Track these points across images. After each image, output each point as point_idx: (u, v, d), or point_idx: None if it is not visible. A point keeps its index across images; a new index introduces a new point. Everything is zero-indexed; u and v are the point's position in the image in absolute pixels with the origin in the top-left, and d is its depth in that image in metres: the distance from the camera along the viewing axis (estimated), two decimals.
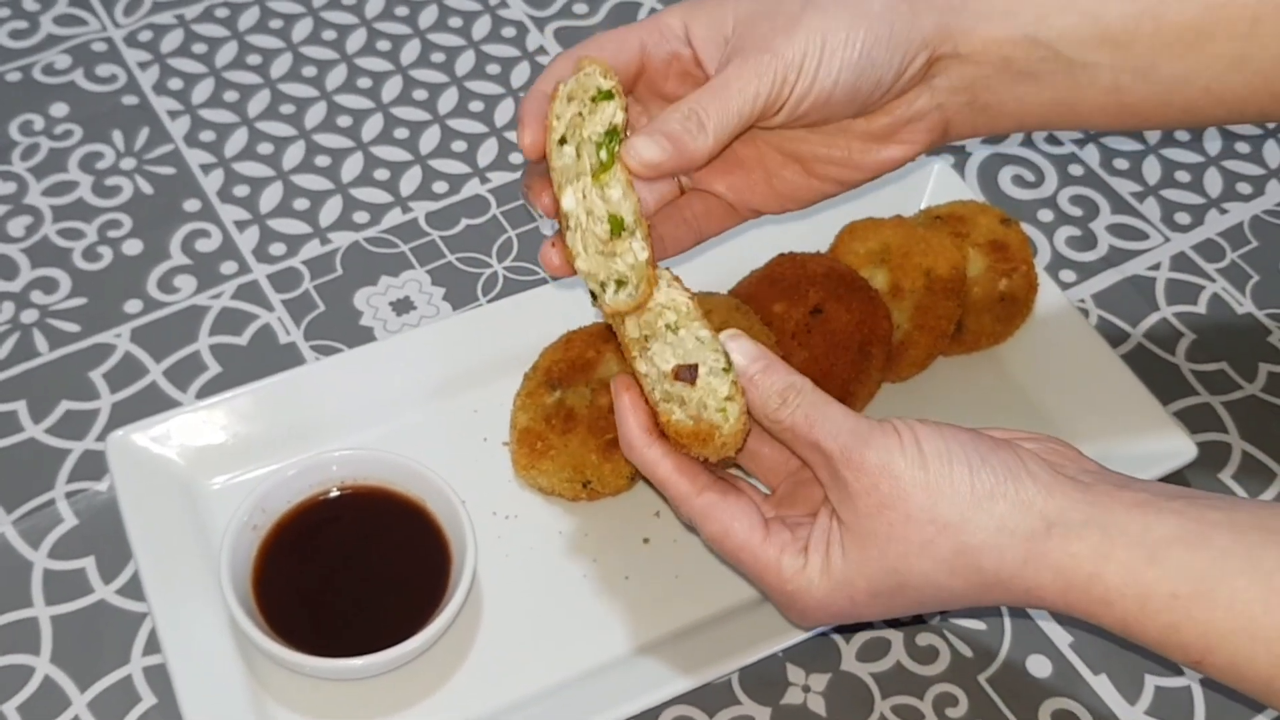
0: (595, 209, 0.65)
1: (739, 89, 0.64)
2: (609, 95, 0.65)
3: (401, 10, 1.13)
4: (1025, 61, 0.69)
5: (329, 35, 1.11)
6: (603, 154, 0.65)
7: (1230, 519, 0.59)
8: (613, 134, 0.64)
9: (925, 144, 0.72)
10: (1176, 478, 0.82)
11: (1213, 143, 1.07)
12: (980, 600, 0.63)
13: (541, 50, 1.10)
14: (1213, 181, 1.04)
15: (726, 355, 0.64)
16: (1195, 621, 0.57)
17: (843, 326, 0.82)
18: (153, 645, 0.76)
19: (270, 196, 0.99)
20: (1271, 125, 1.08)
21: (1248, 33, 0.68)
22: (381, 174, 1.01)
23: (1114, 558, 0.58)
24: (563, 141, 0.65)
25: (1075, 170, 1.04)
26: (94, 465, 0.84)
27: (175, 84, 1.06)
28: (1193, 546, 0.58)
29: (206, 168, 1.01)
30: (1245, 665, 0.57)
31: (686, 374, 0.64)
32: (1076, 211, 1.02)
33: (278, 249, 0.96)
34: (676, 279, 0.66)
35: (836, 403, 0.63)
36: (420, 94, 1.07)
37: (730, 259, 0.87)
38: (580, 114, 0.65)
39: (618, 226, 0.64)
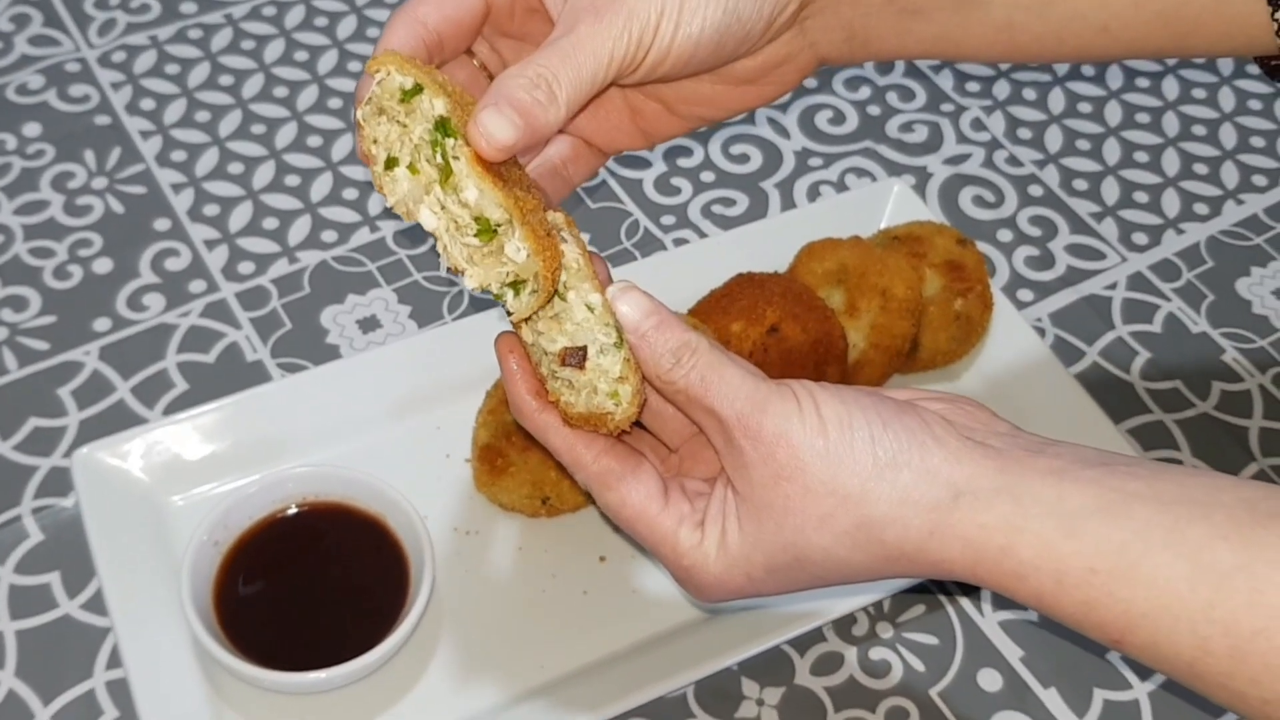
0: (459, 217, 0.57)
1: (592, 51, 0.58)
2: (417, 89, 0.56)
3: (373, 32, 1.14)
4: None
5: (301, 56, 1.12)
6: (439, 156, 0.57)
7: (1153, 489, 0.54)
8: (442, 127, 0.56)
9: (796, 82, 0.69)
10: None
11: (1171, 163, 1.08)
12: (885, 574, 0.59)
13: None
14: (1170, 202, 1.06)
15: (618, 328, 0.59)
16: (1114, 599, 0.54)
17: (799, 346, 0.83)
18: (116, 660, 0.77)
19: (240, 215, 1.00)
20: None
21: None
22: (350, 193, 1.02)
23: (1027, 529, 0.55)
24: (393, 164, 0.58)
25: (1035, 191, 1.06)
26: (61, 482, 0.85)
27: (148, 104, 1.08)
28: (1112, 518, 0.54)
29: (177, 187, 1.02)
30: (1166, 646, 0.53)
31: (574, 358, 0.59)
32: (1035, 231, 1.03)
33: (246, 267, 0.97)
34: (569, 221, 0.60)
35: (734, 363, 0.59)
36: None
37: (689, 279, 0.88)
38: (399, 123, 0.57)
39: (488, 229, 0.57)
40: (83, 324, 0.93)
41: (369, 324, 0.94)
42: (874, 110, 1.11)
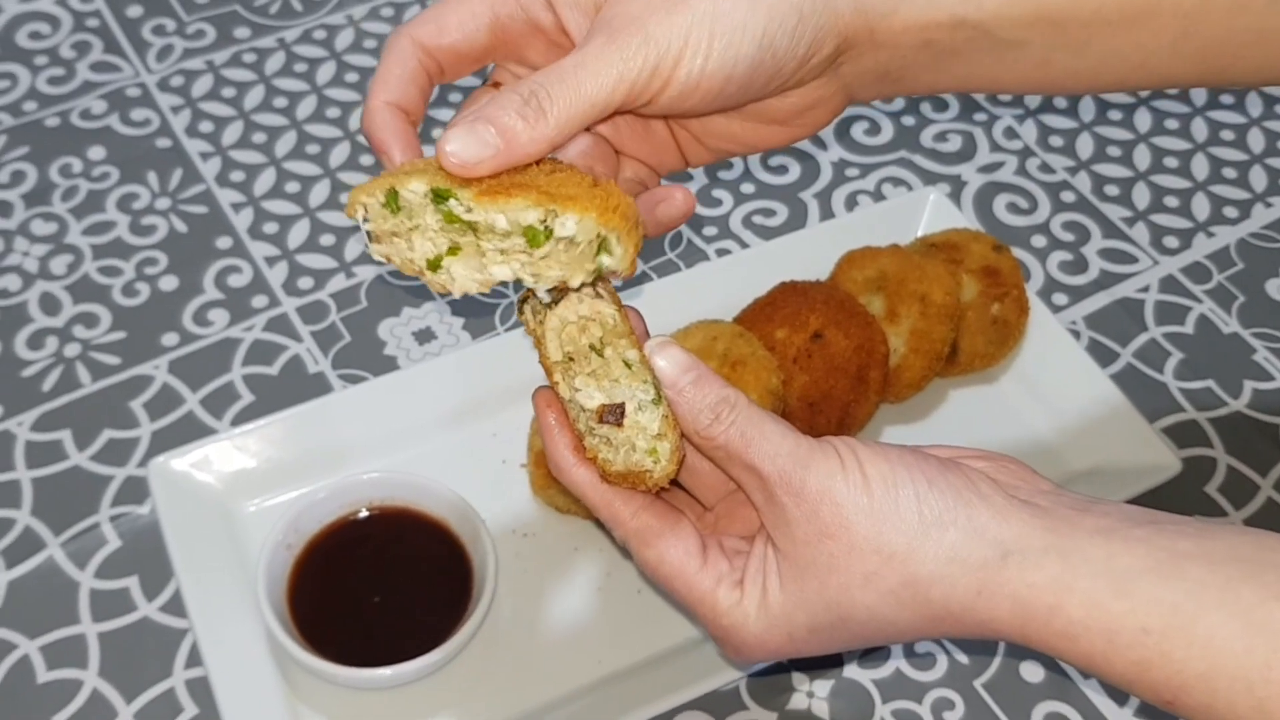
0: (515, 246, 0.56)
1: (595, 72, 0.56)
2: (393, 194, 0.56)
3: None
4: (949, 42, 0.64)
5: (351, 78, 1.16)
6: (455, 222, 0.56)
7: (1203, 549, 0.54)
8: (438, 197, 0.56)
9: (827, 122, 0.68)
10: (1163, 492, 0.86)
11: (1200, 167, 1.11)
12: (930, 633, 0.59)
13: None
14: (1200, 206, 1.08)
15: (656, 383, 0.59)
16: (1168, 659, 0.53)
17: (841, 351, 0.86)
18: (194, 659, 0.81)
19: (298, 233, 1.04)
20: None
21: (1196, 8, 0.64)
22: None
23: (1077, 589, 0.54)
24: (437, 263, 0.57)
25: (1068, 197, 1.09)
26: (136, 490, 0.88)
27: (206, 127, 1.12)
28: (1164, 578, 0.53)
29: (237, 206, 1.06)
30: (1223, 708, 0.53)
31: (612, 415, 0.59)
32: (1069, 237, 1.06)
33: (305, 283, 1.01)
34: (605, 280, 0.60)
35: (773, 419, 0.59)
36: (438, 133, 1.11)
37: (733, 288, 0.92)
38: (409, 229, 0.57)
39: (535, 235, 0.55)
40: (152, 339, 0.97)
41: (424, 336, 0.98)
42: (909, 121, 1.14)
